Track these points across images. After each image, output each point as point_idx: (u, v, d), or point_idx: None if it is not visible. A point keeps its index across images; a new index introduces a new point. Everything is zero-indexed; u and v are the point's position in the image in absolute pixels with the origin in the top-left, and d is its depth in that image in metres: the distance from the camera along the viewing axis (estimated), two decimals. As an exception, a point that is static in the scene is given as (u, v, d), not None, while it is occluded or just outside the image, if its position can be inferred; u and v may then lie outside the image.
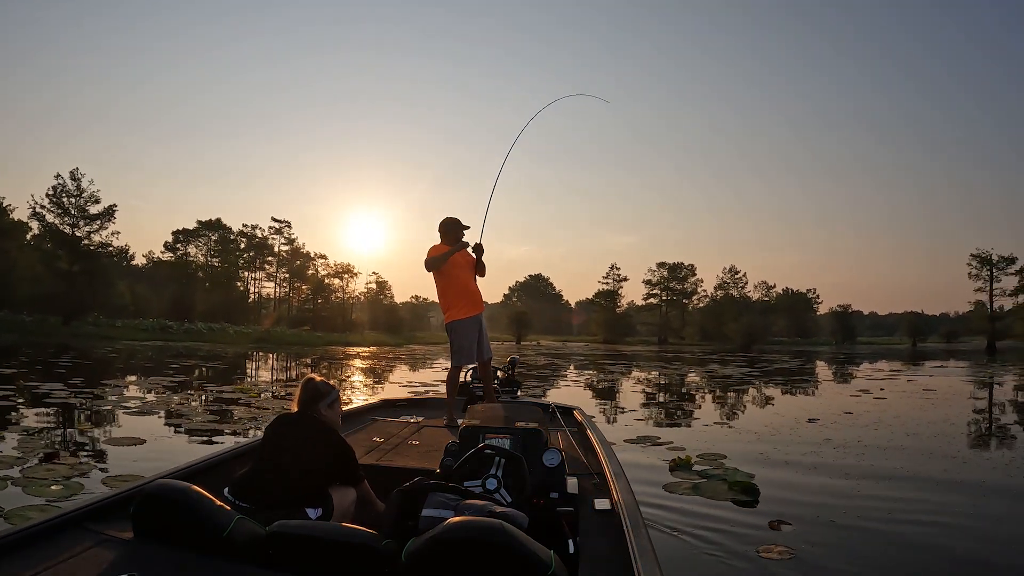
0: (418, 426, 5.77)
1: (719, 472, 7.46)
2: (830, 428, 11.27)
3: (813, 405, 15.03)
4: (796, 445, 9.54)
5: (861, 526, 5.68)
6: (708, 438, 9.93)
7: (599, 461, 3.96)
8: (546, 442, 3.55)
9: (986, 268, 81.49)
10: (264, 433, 3.37)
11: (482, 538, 2.07)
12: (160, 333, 56.77)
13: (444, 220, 6.67)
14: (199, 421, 10.23)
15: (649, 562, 2.32)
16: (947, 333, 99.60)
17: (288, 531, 2.33)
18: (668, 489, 6.71)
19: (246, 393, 14.42)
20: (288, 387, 16.68)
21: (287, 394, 14.61)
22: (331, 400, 3.48)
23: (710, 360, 38.72)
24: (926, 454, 9.12)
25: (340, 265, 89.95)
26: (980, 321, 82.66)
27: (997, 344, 76.54)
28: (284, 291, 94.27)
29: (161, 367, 22.87)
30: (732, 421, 11.94)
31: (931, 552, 5.20)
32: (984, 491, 7.16)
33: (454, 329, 6.56)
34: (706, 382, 21.86)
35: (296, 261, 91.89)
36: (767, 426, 11.40)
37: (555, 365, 31.33)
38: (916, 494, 6.92)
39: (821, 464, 8.22)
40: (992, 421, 13.38)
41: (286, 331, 68.03)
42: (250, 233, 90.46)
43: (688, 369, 29.60)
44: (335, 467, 3.28)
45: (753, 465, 7.90)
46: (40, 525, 2.47)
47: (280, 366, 29.02)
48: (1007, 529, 5.88)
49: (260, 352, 40.65)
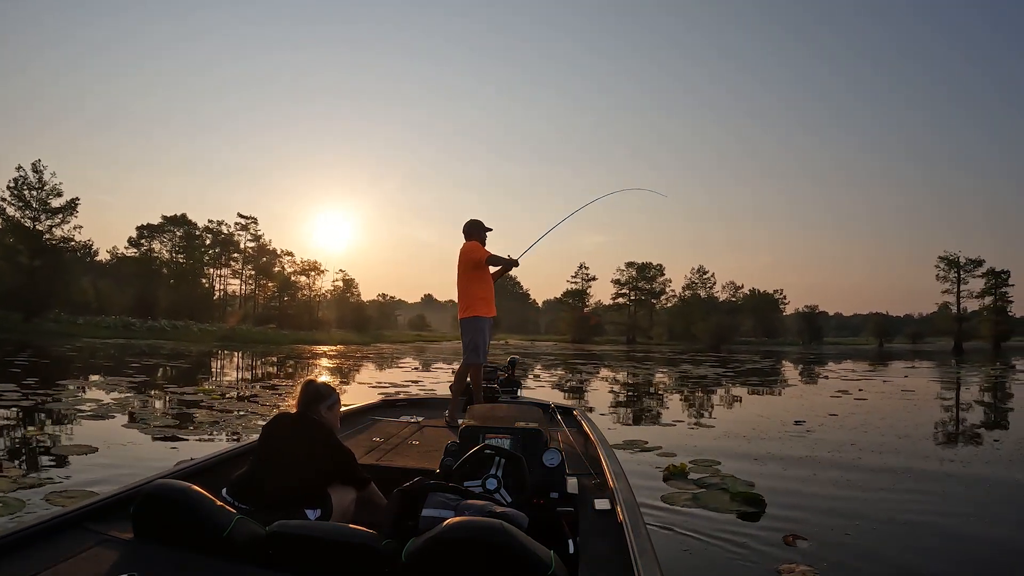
0: (418, 426, 5.73)
1: (717, 481, 7.06)
2: (819, 431, 10.98)
3: (795, 406, 14.72)
4: (788, 449, 9.21)
5: (878, 539, 5.34)
6: (695, 442, 9.55)
7: (599, 461, 3.94)
8: (546, 442, 3.53)
9: (954, 270, 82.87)
10: (262, 432, 3.32)
11: (482, 538, 2.06)
12: (123, 331, 55.34)
13: (473, 221, 6.89)
14: (157, 427, 9.56)
15: (649, 562, 2.29)
16: (912, 334, 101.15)
17: (288, 531, 2.31)
18: (667, 500, 6.29)
19: (208, 395, 13.73)
20: (253, 387, 16.03)
21: (252, 396, 13.95)
22: (331, 403, 3.46)
23: (681, 360, 38.46)
24: (922, 456, 8.90)
25: (307, 262, 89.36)
26: (946, 322, 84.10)
27: (963, 345, 77.31)
28: (250, 288, 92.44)
29: (122, 366, 22.08)
30: (716, 423, 11.54)
31: (959, 563, 4.90)
32: (991, 489, 7.03)
33: (476, 327, 6.60)
34: (682, 383, 21.46)
35: (262, 258, 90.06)
36: (754, 428, 11.05)
37: (526, 364, 30.74)
38: (925, 499, 6.64)
39: (819, 469, 7.91)
40: (983, 420, 13.08)
41: (251, 329, 66.91)
42: (216, 229, 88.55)
43: (661, 369, 29.28)
44: (334, 469, 3.22)
45: (749, 472, 7.53)
46: (40, 525, 2.46)
47: (245, 364, 28.23)
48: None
49: (225, 351, 39.78)
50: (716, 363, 34.58)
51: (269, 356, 34.76)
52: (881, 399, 16.74)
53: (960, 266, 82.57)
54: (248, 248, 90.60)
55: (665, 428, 10.90)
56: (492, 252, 6.71)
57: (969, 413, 14.61)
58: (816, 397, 16.99)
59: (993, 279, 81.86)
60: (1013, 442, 10.36)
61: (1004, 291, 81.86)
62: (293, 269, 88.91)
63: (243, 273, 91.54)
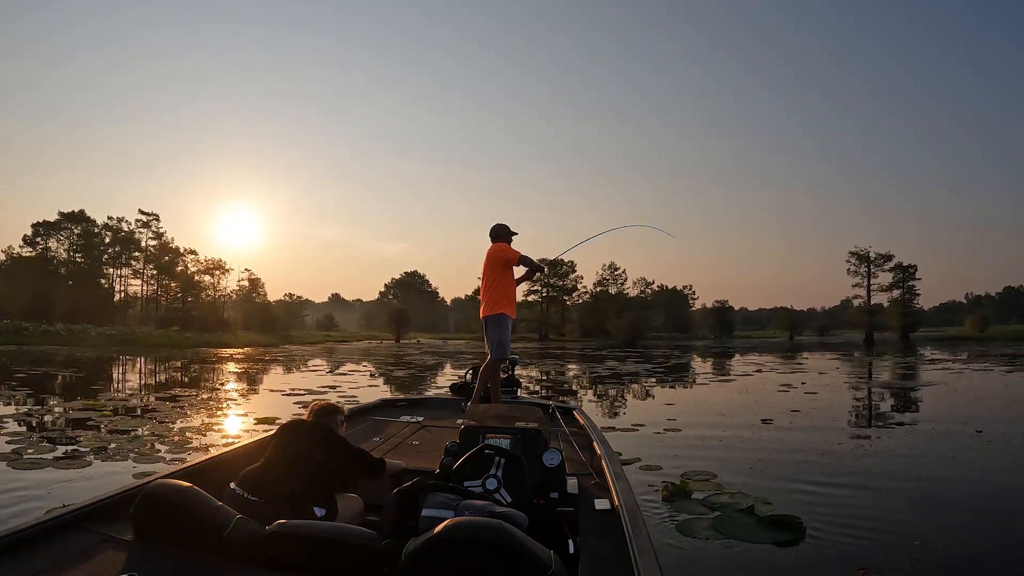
0: (418, 426, 5.66)
1: (728, 500, 6.02)
2: (793, 430, 10.20)
3: (751, 403, 13.86)
4: (777, 453, 8.31)
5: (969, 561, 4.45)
6: (672, 450, 8.44)
7: (599, 461, 3.92)
8: (546, 442, 3.54)
9: (864, 265, 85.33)
10: (278, 431, 3.45)
11: (482, 538, 2.05)
12: (14, 336, 50.64)
13: (500, 225, 7.08)
14: (30, 457, 7.63)
15: (649, 562, 2.26)
16: (820, 327, 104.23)
17: (288, 531, 2.31)
18: (685, 531, 5.20)
19: (99, 411, 11.71)
20: (151, 399, 14.03)
21: (151, 411, 12.01)
22: (341, 418, 3.69)
23: (603, 356, 37.51)
24: (924, 457, 8.13)
25: (211, 261, 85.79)
26: (857, 315, 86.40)
27: (874, 336, 79.92)
28: (152, 289, 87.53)
29: (6, 376, 19.77)
30: (682, 426, 10.48)
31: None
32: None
33: (501, 323, 6.74)
34: (619, 381, 20.43)
35: (164, 257, 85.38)
36: (724, 430, 10.14)
37: (443, 365, 29.20)
38: (971, 505, 5.74)
39: (827, 474, 7.09)
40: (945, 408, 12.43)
41: (153, 332, 63.13)
42: (116, 227, 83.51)
43: (587, 367, 28.07)
44: (351, 464, 3.38)
45: (755, 485, 6.55)
46: (40, 525, 2.48)
47: (148, 370, 25.88)
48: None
49: (125, 356, 37.10)
50: (640, 359, 33.83)
51: (172, 361, 32.49)
52: (831, 393, 16.26)
53: (871, 261, 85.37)
54: (150, 246, 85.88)
55: (630, 434, 9.72)
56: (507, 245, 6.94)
57: (929, 403, 13.94)
58: (764, 393, 16.19)
59: (901, 273, 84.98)
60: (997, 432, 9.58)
61: (911, 284, 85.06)
62: (197, 268, 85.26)
63: (144, 273, 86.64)
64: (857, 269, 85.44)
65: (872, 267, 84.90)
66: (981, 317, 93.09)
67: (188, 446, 8.42)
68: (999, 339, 68.08)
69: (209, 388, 17.44)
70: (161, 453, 7.90)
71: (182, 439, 8.92)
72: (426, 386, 18.84)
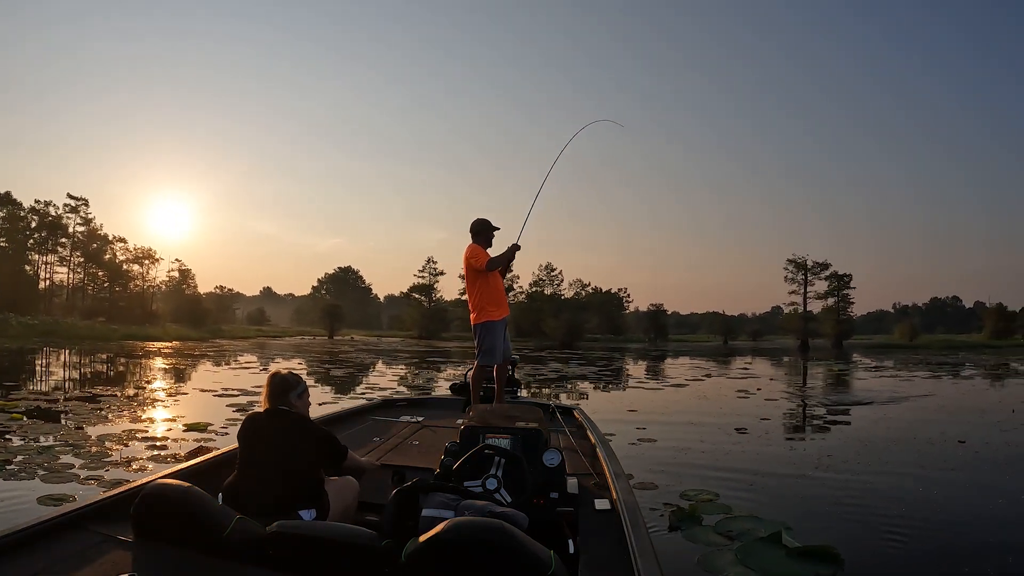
0: (418, 426, 5.68)
1: (744, 526, 5.37)
2: (771, 440, 9.84)
3: (715, 410, 13.38)
4: (770, 466, 7.84)
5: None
6: (659, 465, 7.75)
7: (599, 461, 3.91)
8: (546, 442, 3.50)
9: (801, 272, 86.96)
10: (238, 437, 3.15)
11: (482, 538, 2.02)
12: (-73, 326, 47.55)
13: (479, 220, 6.65)
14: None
15: (649, 562, 2.28)
16: (753, 332, 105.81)
17: (288, 531, 2.29)
18: (709, 567, 4.60)
19: (8, 412, 10.34)
20: (74, 397, 12.68)
21: (69, 413, 10.78)
22: (300, 391, 3.31)
23: (543, 358, 36.67)
24: (918, 466, 7.67)
25: (140, 249, 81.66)
26: (791, 321, 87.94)
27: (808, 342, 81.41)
28: (78, 278, 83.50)
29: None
30: (655, 436, 9.84)
31: None
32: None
33: (488, 329, 6.48)
34: (568, 384, 19.77)
35: (92, 244, 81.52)
36: (701, 440, 9.62)
37: (382, 364, 28.09)
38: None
39: (833, 491, 6.64)
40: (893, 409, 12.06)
41: (78, 323, 59.92)
42: (43, 211, 79.32)
43: (532, 368, 26.99)
44: (323, 456, 3.18)
45: (762, 505, 6.00)
46: (40, 525, 2.45)
47: (72, 363, 24.18)
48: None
49: (48, 348, 35.25)
50: (582, 361, 33.42)
51: (97, 354, 30.75)
52: (789, 400, 15.99)
53: (807, 269, 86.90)
54: (78, 232, 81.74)
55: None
56: (491, 254, 6.53)
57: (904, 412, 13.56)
58: (723, 399, 15.78)
59: (836, 281, 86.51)
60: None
61: (846, 293, 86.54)
62: (125, 257, 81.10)
63: (71, 260, 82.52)
64: (795, 276, 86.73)
65: (809, 275, 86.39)
66: (911, 326, 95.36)
67: (106, 459, 7.23)
68: (930, 347, 70.01)
69: (134, 386, 16.07)
70: (75, 470, 6.70)
71: (100, 450, 7.73)
72: (368, 385, 17.70)
